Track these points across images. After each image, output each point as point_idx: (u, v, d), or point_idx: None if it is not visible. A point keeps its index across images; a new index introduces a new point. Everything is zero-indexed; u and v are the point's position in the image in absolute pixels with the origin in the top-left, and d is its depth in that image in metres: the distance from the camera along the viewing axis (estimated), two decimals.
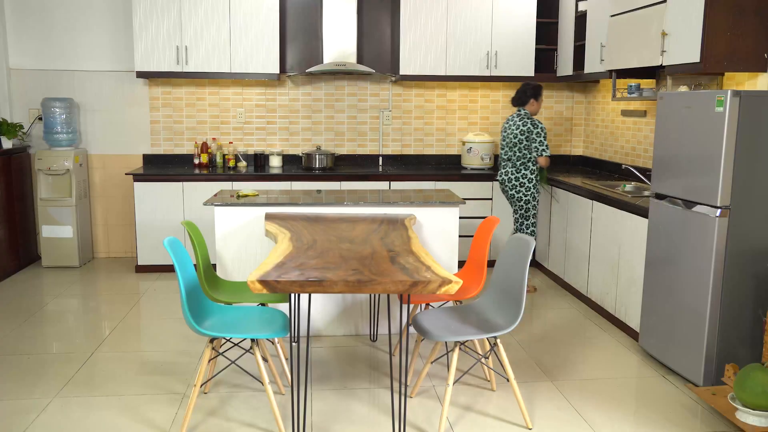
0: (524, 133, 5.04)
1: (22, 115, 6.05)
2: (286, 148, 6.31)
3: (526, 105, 5.09)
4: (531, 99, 5.07)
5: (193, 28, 5.69)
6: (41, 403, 3.33)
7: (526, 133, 5.03)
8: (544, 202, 5.69)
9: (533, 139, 5.01)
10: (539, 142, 5.01)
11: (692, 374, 3.56)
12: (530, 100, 5.08)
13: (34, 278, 5.62)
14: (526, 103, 5.09)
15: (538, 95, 5.09)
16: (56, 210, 5.82)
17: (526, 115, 5.06)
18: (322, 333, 4.30)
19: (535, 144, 5.02)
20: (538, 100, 5.11)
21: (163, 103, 6.14)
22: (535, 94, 5.08)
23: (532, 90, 5.07)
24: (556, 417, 3.27)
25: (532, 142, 5.02)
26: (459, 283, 2.67)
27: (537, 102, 5.10)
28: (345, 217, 3.98)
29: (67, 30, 5.99)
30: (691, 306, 3.54)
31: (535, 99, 5.09)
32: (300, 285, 2.66)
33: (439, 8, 5.85)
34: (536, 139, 5.01)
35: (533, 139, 5.01)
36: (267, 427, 3.12)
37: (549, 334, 4.43)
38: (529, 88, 5.08)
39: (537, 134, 5.00)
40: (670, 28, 4.14)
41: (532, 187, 5.13)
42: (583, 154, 6.49)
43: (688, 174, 3.57)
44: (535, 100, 5.08)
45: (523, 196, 5.14)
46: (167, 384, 3.57)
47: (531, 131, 5.01)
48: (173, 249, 3.05)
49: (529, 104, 5.09)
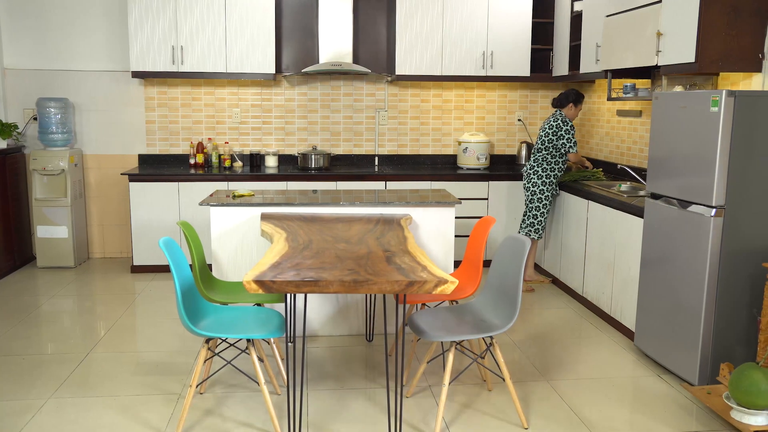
0: (552, 128, 5.14)
1: (17, 115, 6.03)
2: (281, 148, 6.31)
3: (565, 108, 5.21)
4: (570, 103, 5.19)
5: (188, 28, 5.68)
6: (36, 404, 3.32)
7: (554, 128, 5.13)
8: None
9: (561, 136, 5.12)
10: (567, 139, 5.12)
11: (687, 373, 3.56)
12: (569, 104, 5.19)
13: (29, 279, 5.60)
14: (564, 106, 5.21)
15: (578, 101, 5.20)
16: (51, 210, 5.80)
17: (560, 116, 5.16)
18: (318, 333, 4.30)
19: (563, 141, 5.12)
20: (577, 107, 5.22)
21: (158, 103, 6.13)
22: (576, 99, 5.19)
23: (574, 95, 5.20)
24: (551, 416, 3.27)
25: (559, 139, 5.12)
26: (455, 283, 2.67)
27: (576, 108, 5.21)
28: (341, 217, 3.98)
29: (62, 30, 5.97)
30: (687, 305, 3.55)
31: (575, 104, 5.19)
32: (296, 285, 2.66)
33: (435, 8, 5.85)
34: (564, 136, 5.12)
35: (561, 135, 5.11)
36: (263, 427, 3.12)
37: (545, 333, 4.44)
38: (572, 92, 5.20)
39: (565, 131, 5.11)
40: (665, 28, 4.15)
41: (546, 188, 5.23)
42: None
43: (684, 174, 3.58)
44: (574, 105, 5.19)
45: (536, 192, 5.25)
46: (163, 384, 3.57)
47: (560, 128, 5.12)
48: (169, 249, 3.05)
49: (568, 108, 5.20)
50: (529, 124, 6.54)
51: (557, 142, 5.14)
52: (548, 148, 5.19)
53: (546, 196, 5.25)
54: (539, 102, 6.52)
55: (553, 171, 5.23)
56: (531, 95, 6.50)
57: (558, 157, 5.21)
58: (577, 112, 5.24)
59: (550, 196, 5.26)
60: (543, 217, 5.29)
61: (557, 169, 5.24)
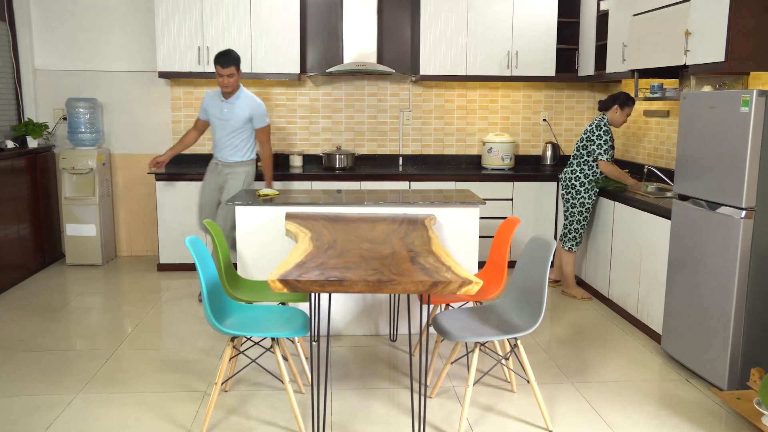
0: (586, 133, 4.94)
1: (47, 115, 6.13)
2: (306, 148, 6.33)
3: (609, 111, 4.92)
4: (615, 105, 4.87)
5: (214, 28, 5.73)
6: (65, 399, 3.37)
7: (588, 132, 4.92)
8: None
9: (593, 141, 4.87)
10: (598, 145, 4.84)
11: (716, 378, 3.51)
12: (613, 106, 4.88)
13: (58, 276, 5.69)
14: (608, 109, 4.91)
15: (623, 105, 4.86)
16: (80, 209, 5.89)
17: (602, 119, 4.90)
18: (342, 332, 4.31)
19: (593, 147, 4.86)
20: (623, 110, 4.88)
21: (184, 103, 6.19)
22: (621, 102, 4.86)
23: (623, 98, 4.87)
24: (576, 419, 3.25)
25: (591, 143, 4.88)
26: (479, 284, 2.66)
27: (621, 111, 4.88)
28: (365, 217, 3.98)
29: (91, 31, 6.06)
30: (716, 308, 3.49)
31: (620, 108, 4.87)
32: (320, 284, 2.67)
33: (460, 8, 5.83)
34: (595, 141, 4.85)
35: (593, 140, 4.86)
36: (287, 426, 3.13)
37: (570, 335, 4.40)
38: (620, 95, 4.88)
39: (598, 136, 4.83)
40: (693, 27, 4.09)
41: (583, 192, 4.95)
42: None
43: (713, 175, 3.52)
44: (619, 108, 4.87)
45: (572, 199, 5.01)
46: (188, 382, 3.60)
47: (594, 132, 4.87)
48: (195, 248, 3.08)
49: (612, 111, 4.89)
50: (554, 125, 6.49)
51: (590, 147, 4.91)
52: (583, 154, 4.94)
53: (584, 204, 4.96)
54: (564, 102, 6.47)
55: (595, 176, 4.93)
56: (556, 95, 6.45)
57: (596, 163, 4.92)
58: (623, 116, 4.89)
59: (579, 204, 4.98)
60: (578, 225, 5.02)
61: (599, 173, 4.92)
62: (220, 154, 5.02)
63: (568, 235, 5.10)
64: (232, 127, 4.92)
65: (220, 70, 4.73)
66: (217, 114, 4.93)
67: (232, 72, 4.77)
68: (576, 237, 5.07)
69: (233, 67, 4.77)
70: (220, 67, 4.72)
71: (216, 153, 5.06)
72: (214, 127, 5.01)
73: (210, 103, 4.99)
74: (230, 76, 4.77)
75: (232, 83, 4.79)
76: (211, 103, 4.98)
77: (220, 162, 5.02)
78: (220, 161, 5.02)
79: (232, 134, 4.93)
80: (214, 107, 4.95)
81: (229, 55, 4.78)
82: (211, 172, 5.09)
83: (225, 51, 4.80)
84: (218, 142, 5.00)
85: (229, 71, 4.76)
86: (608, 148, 4.84)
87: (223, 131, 4.94)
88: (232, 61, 4.77)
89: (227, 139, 4.95)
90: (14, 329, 4.37)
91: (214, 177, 5.06)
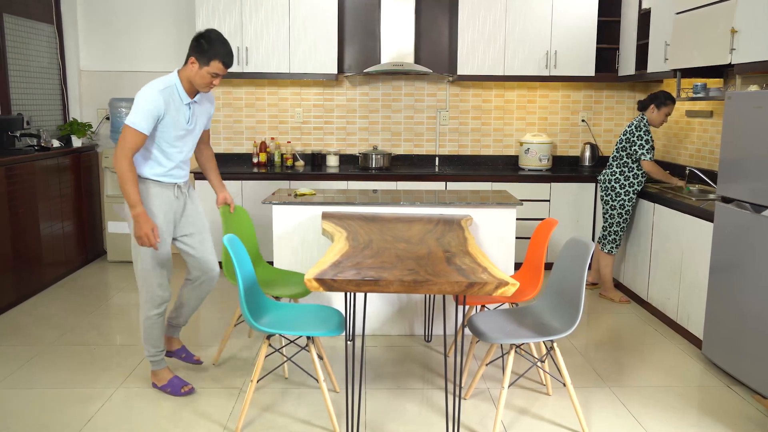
0: (626, 134, 4.88)
1: (91, 114, 6.28)
2: (343, 148, 6.36)
3: (647, 110, 4.86)
4: (651, 105, 4.81)
5: (253, 29, 5.79)
6: (106, 393, 3.44)
7: (627, 133, 4.86)
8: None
9: (633, 141, 4.80)
10: (639, 145, 4.77)
11: (760, 385, 3.42)
12: (650, 105, 4.82)
13: (100, 272, 5.82)
14: (646, 108, 4.87)
15: (660, 104, 4.79)
16: (121, 207, 6.01)
17: (641, 119, 4.85)
18: (377, 332, 4.32)
19: (635, 147, 4.79)
20: (660, 109, 4.80)
21: (223, 103, 6.28)
22: (658, 102, 4.79)
23: (662, 97, 4.80)
24: (613, 424, 3.19)
25: (633, 144, 4.81)
26: (515, 286, 2.63)
27: (658, 111, 4.81)
28: (401, 217, 3.98)
29: (133, 33, 6.19)
30: (759, 314, 3.40)
31: (657, 107, 4.80)
32: (356, 284, 2.67)
33: (498, 7, 5.79)
34: (636, 142, 4.78)
35: (633, 141, 4.80)
36: (321, 424, 3.15)
37: (607, 339, 4.33)
38: (659, 94, 4.81)
39: (639, 137, 4.77)
40: (740, 25, 3.99)
41: (623, 195, 4.89)
42: None
43: (758, 177, 3.43)
44: (656, 108, 4.80)
45: (611, 201, 4.94)
46: (224, 378, 3.65)
47: (634, 133, 4.80)
48: (232, 246, 3.11)
49: (649, 110, 4.84)
50: (593, 125, 6.40)
51: (630, 148, 4.84)
52: (623, 156, 4.88)
53: (623, 206, 4.89)
54: (604, 102, 6.38)
55: (636, 178, 4.86)
56: (595, 95, 6.36)
57: (636, 164, 4.87)
58: (660, 116, 4.81)
59: (619, 206, 4.91)
60: (617, 228, 4.96)
61: (639, 175, 4.86)
62: (182, 173, 3.51)
63: (607, 238, 5.03)
64: (198, 133, 3.56)
65: (223, 71, 3.36)
66: (182, 122, 3.37)
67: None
68: (615, 239, 5.00)
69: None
70: (224, 68, 3.35)
71: (177, 173, 3.48)
72: (175, 139, 3.39)
73: (169, 109, 3.32)
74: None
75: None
76: (172, 108, 3.34)
77: (183, 185, 3.54)
78: (182, 183, 3.54)
79: (194, 144, 3.58)
80: (177, 112, 3.35)
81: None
82: (167, 204, 3.46)
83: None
84: (184, 158, 3.50)
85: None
86: (650, 148, 4.77)
87: (189, 142, 3.50)
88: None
89: (191, 151, 3.56)
90: (58, 323, 4.48)
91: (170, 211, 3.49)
